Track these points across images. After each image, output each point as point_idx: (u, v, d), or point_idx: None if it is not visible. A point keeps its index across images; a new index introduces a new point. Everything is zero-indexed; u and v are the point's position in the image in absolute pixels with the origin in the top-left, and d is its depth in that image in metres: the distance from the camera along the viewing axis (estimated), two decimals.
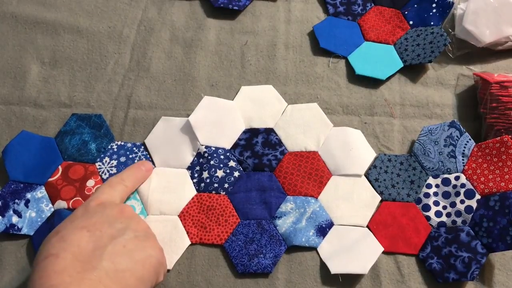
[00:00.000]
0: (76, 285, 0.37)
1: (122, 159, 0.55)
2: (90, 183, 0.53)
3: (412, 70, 0.61)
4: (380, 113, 0.58)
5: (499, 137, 0.51)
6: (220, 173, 0.54)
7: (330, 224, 0.51)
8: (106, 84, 0.61)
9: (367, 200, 0.52)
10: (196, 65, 0.62)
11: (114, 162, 0.54)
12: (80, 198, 0.52)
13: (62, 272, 0.37)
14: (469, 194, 0.50)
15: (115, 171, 0.54)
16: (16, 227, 0.50)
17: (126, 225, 0.44)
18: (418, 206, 0.51)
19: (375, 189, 0.53)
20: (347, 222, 0.51)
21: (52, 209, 0.52)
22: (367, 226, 0.51)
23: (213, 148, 0.55)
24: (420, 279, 0.48)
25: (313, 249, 0.50)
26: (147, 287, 0.42)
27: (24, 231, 0.51)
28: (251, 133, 0.56)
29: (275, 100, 0.59)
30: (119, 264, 0.40)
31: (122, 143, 0.56)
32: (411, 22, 0.63)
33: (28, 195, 0.52)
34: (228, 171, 0.54)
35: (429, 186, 0.52)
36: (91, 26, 0.65)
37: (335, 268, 0.48)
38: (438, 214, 0.50)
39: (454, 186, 0.51)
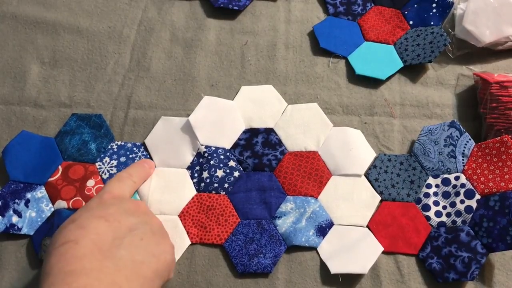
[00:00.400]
0: (97, 272, 0.37)
1: (122, 159, 0.55)
2: (90, 183, 0.53)
3: (412, 70, 0.61)
4: (380, 113, 0.58)
5: (499, 137, 0.51)
6: (220, 173, 0.54)
7: (330, 224, 0.51)
8: (106, 84, 0.61)
9: (367, 200, 0.52)
10: (196, 65, 0.62)
11: (114, 162, 0.55)
12: (80, 198, 0.52)
13: (82, 258, 0.37)
14: (469, 194, 0.50)
15: (115, 171, 0.54)
16: (16, 227, 0.50)
17: (143, 220, 0.44)
18: (418, 206, 0.51)
19: (375, 189, 0.53)
20: (347, 222, 0.51)
21: (52, 209, 0.52)
22: (367, 226, 0.51)
23: (213, 148, 0.55)
24: (420, 279, 0.48)
25: (313, 249, 0.50)
26: (160, 281, 0.42)
27: (24, 231, 0.51)
28: (251, 133, 0.56)
29: (275, 100, 0.59)
30: (137, 256, 0.40)
31: (122, 143, 0.56)
32: (411, 22, 0.63)
33: (28, 195, 0.52)
34: (228, 171, 0.54)
35: (429, 186, 0.52)
36: (91, 26, 0.65)
37: (335, 268, 0.48)
38: (438, 214, 0.50)
39: (454, 186, 0.51)
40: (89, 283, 0.36)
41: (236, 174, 0.54)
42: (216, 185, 0.53)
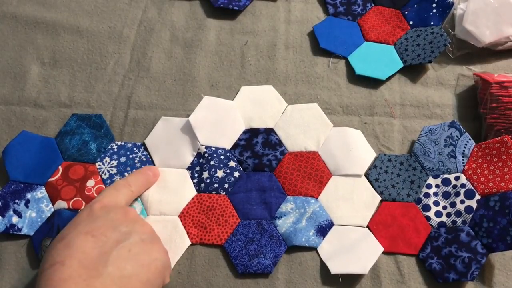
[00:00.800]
0: None
1: (123, 159, 0.55)
2: (90, 183, 0.53)
3: (412, 70, 0.61)
4: (380, 113, 0.58)
5: (499, 137, 0.51)
6: (220, 173, 0.54)
7: (330, 224, 0.51)
8: (106, 84, 0.61)
9: (367, 200, 0.52)
10: (196, 65, 0.62)
11: (115, 162, 0.55)
12: (80, 198, 0.52)
13: (68, 280, 0.37)
14: (469, 194, 0.50)
15: (115, 171, 0.54)
16: (16, 227, 0.50)
17: (131, 229, 0.43)
18: (418, 206, 0.51)
19: (375, 189, 0.53)
20: (347, 222, 0.51)
21: (52, 209, 0.52)
22: (367, 226, 0.51)
23: (213, 148, 0.55)
24: (420, 279, 0.48)
25: (313, 249, 0.50)
26: None
27: (24, 231, 0.51)
28: (251, 133, 0.56)
29: (275, 100, 0.59)
30: (125, 270, 0.40)
31: (122, 143, 0.56)
32: (411, 22, 0.63)
33: (28, 195, 0.52)
34: (228, 171, 0.54)
35: (429, 186, 0.52)
36: (91, 26, 0.65)
37: (335, 268, 0.48)
38: (438, 214, 0.50)
39: (454, 186, 0.51)
40: None
41: (236, 174, 0.54)
42: (216, 185, 0.53)
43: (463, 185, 0.51)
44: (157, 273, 0.42)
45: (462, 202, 0.50)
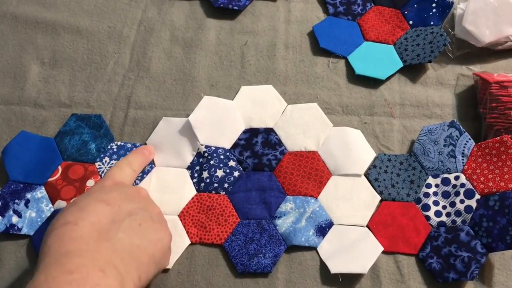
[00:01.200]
0: (92, 253, 0.37)
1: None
2: (90, 183, 0.53)
3: (412, 70, 0.61)
4: (380, 113, 0.58)
5: (498, 137, 0.51)
6: (220, 173, 0.54)
7: (330, 224, 0.51)
8: (106, 84, 0.61)
9: (367, 200, 0.52)
10: (196, 65, 0.62)
11: (114, 162, 0.54)
12: None
13: (79, 239, 0.38)
14: (469, 194, 0.50)
15: None
16: (16, 227, 0.50)
17: (143, 206, 0.45)
18: (418, 206, 0.51)
19: (374, 189, 0.53)
20: (346, 222, 0.51)
21: (52, 209, 0.52)
22: (367, 226, 0.51)
23: (213, 148, 0.55)
24: (420, 279, 0.48)
25: (313, 249, 0.50)
26: (156, 267, 0.43)
27: (24, 231, 0.51)
28: (251, 133, 0.56)
29: (275, 100, 0.59)
30: (134, 240, 0.41)
31: (122, 143, 0.56)
32: (411, 22, 0.63)
33: (28, 195, 0.52)
34: (228, 171, 0.54)
35: (428, 186, 0.52)
36: (91, 26, 0.65)
37: (335, 267, 0.48)
38: (437, 213, 0.50)
39: (454, 186, 0.51)
40: (82, 263, 0.36)
41: (236, 174, 0.54)
42: (216, 185, 0.53)
43: (462, 185, 0.51)
44: (162, 251, 0.44)
45: (461, 201, 0.50)
